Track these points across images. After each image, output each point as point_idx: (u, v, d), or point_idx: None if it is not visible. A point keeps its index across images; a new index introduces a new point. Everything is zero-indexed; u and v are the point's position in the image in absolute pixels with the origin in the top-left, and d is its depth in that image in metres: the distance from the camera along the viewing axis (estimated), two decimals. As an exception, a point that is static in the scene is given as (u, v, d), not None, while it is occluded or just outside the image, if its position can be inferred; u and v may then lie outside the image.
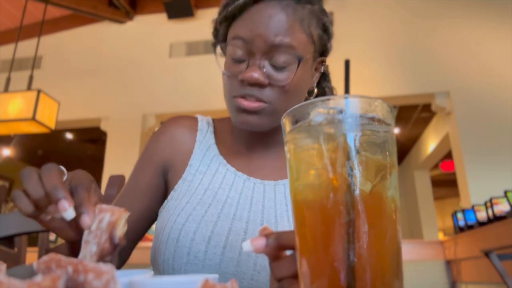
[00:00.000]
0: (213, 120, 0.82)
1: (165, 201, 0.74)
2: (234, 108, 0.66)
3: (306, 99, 0.72)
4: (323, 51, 0.71)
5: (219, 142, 0.78)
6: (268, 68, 0.63)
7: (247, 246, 0.38)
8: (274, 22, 0.61)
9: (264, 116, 0.65)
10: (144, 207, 0.74)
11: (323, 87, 0.78)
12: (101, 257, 0.41)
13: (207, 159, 0.75)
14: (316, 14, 0.67)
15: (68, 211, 0.41)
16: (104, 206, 0.43)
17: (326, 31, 0.70)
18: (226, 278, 0.61)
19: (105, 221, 0.42)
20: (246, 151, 0.76)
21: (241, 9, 0.64)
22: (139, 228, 0.75)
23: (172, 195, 0.73)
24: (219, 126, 0.81)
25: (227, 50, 0.66)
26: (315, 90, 0.73)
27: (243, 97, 0.64)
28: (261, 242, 0.38)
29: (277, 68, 0.63)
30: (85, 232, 0.42)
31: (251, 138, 0.75)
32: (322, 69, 0.72)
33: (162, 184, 0.77)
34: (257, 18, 0.62)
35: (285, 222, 0.67)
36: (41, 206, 0.44)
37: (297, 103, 0.62)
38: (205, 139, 0.78)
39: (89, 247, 0.41)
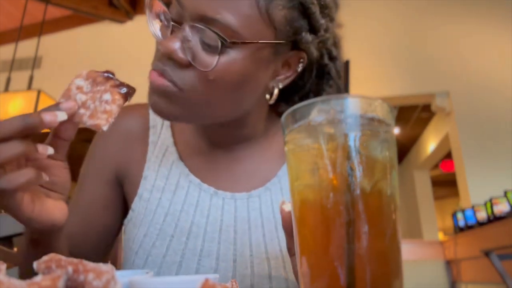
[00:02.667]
0: None
1: (127, 218, 0.64)
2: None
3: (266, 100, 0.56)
4: (296, 41, 0.51)
5: (178, 139, 0.64)
6: (196, 45, 0.47)
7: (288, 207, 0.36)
8: None
9: (175, 102, 0.50)
10: (101, 225, 0.65)
11: (323, 89, 0.62)
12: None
13: (164, 168, 0.62)
14: None
15: (59, 114, 0.39)
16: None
17: (304, 14, 0.49)
18: None
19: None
20: (211, 150, 0.63)
21: None
22: (103, 246, 0.66)
23: (131, 215, 0.63)
24: None
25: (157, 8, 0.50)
26: (274, 92, 0.55)
27: (156, 71, 0.50)
28: None
29: (206, 47, 0.46)
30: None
31: (214, 132, 0.61)
32: (299, 68, 0.54)
33: (120, 194, 0.66)
34: None
35: (261, 249, 0.57)
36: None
37: (232, 102, 0.51)
38: (160, 139, 0.64)
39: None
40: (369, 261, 0.29)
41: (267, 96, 0.54)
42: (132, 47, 4.66)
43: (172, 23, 0.48)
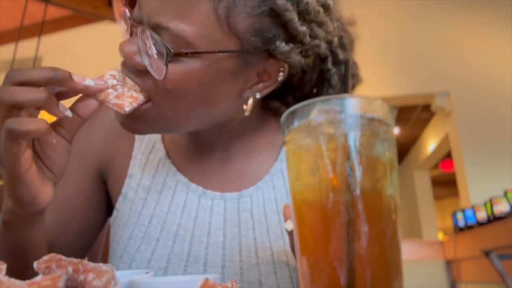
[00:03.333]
0: None
1: (112, 217, 0.62)
2: None
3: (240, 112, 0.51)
4: (270, 50, 0.45)
5: (166, 135, 0.62)
6: (151, 50, 0.43)
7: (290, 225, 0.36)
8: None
9: (143, 116, 0.47)
10: (80, 222, 0.61)
11: (321, 95, 0.58)
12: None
13: (151, 166, 0.59)
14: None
15: (87, 79, 0.40)
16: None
17: (278, 22, 0.44)
18: None
19: None
20: (199, 149, 0.60)
21: None
22: (80, 244, 0.62)
23: (115, 215, 0.61)
24: None
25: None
26: (249, 102, 0.50)
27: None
28: None
29: (159, 55, 0.43)
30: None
31: (198, 134, 0.59)
32: (279, 77, 0.48)
33: (103, 191, 0.63)
34: None
35: (252, 254, 0.55)
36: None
37: (200, 113, 0.47)
38: (147, 135, 0.61)
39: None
40: (369, 261, 0.29)
41: (244, 107, 0.49)
42: (132, 47, 4.66)
43: (131, 24, 0.45)
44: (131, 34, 0.46)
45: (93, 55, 4.70)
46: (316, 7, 0.46)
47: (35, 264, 0.26)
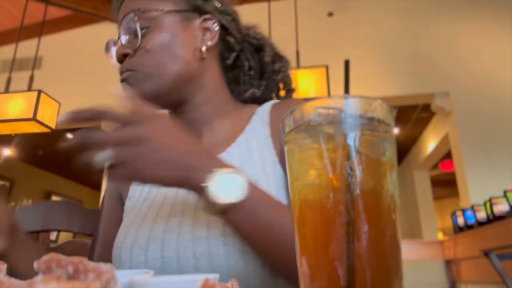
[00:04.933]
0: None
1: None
2: None
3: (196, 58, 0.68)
4: (197, 8, 0.68)
5: None
6: (129, 36, 0.65)
7: None
8: (123, 9, 0.67)
9: (137, 83, 0.64)
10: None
11: (260, 58, 0.74)
12: None
13: None
14: None
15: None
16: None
17: None
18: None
19: None
20: None
21: None
22: None
23: (124, 216, 0.70)
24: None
25: None
26: (203, 50, 0.67)
27: (121, 73, 0.67)
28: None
29: (135, 32, 0.64)
30: None
31: (180, 119, 0.70)
32: (215, 27, 0.69)
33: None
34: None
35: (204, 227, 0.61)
36: None
37: (171, 57, 0.64)
38: None
39: None
40: (369, 261, 0.29)
41: (203, 49, 0.67)
42: (132, 47, 4.66)
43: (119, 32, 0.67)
44: (117, 41, 0.68)
45: (93, 55, 4.70)
46: None
47: (35, 264, 0.26)
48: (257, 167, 0.62)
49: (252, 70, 0.75)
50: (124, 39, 0.65)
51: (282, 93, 0.78)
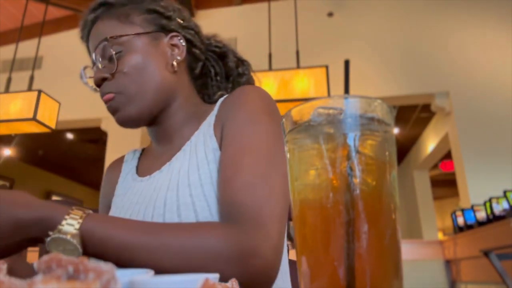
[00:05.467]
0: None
1: None
2: None
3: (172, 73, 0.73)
4: (163, 28, 0.73)
5: (145, 159, 0.81)
6: (105, 61, 0.70)
7: None
8: (94, 35, 0.72)
9: (121, 105, 0.68)
10: None
11: (225, 64, 0.81)
12: None
13: (125, 182, 0.78)
14: (139, 7, 0.73)
15: None
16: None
17: (154, 13, 0.73)
18: None
19: None
20: (157, 154, 0.77)
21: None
22: None
23: None
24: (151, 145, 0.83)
25: None
26: (174, 63, 0.73)
27: (103, 96, 0.71)
28: None
29: (110, 57, 0.69)
30: None
31: (154, 137, 0.77)
32: (182, 42, 0.74)
33: None
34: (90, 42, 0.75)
35: (185, 185, 0.65)
36: None
37: (147, 76, 0.68)
38: (128, 167, 0.81)
39: None
40: (369, 261, 0.29)
41: (174, 63, 0.72)
42: (132, 47, 4.65)
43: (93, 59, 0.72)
44: (93, 67, 0.74)
45: (93, 55, 4.70)
46: (170, 7, 0.75)
47: (35, 264, 0.26)
48: (200, 156, 0.66)
49: (218, 76, 0.81)
50: (100, 64, 0.70)
51: None
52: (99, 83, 0.70)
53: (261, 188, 0.55)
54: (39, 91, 2.94)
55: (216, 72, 0.81)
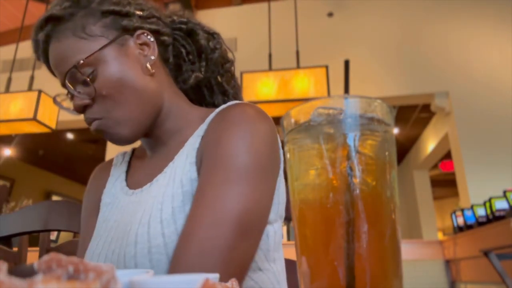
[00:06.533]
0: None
1: None
2: None
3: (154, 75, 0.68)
4: (126, 29, 0.66)
5: (135, 164, 0.76)
6: (79, 87, 0.63)
7: None
8: (55, 59, 0.65)
9: (112, 127, 0.63)
10: None
11: (195, 41, 0.74)
12: None
13: (114, 189, 0.72)
14: (91, 13, 0.65)
15: None
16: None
17: (110, 15, 0.65)
18: None
19: None
20: (147, 164, 0.72)
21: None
22: None
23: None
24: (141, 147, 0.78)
25: None
26: (148, 66, 0.67)
27: (89, 124, 0.66)
28: None
29: (84, 83, 0.62)
30: None
31: (146, 146, 0.73)
32: (150, 38, 0.67)
33: None
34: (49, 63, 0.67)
35: (157, 221, 0.59)
36: None
37: (129, 91, 0.63)
38: (118, 171, 0.75)
39: None
40: (369, 260, 0.29)
41: (148, 66, 0.66)
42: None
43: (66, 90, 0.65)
44: (67, 93, 0.66)
45: (93, 55, 4.70)
46: (124, 1, 0.67)
47: (35, 264, 0.26)
48: (176, 185, 0.60)
49: (191, 55, 0.74)
50: (75, 92, 0.63)
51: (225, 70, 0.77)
52: (81, 110, 0.64)
53: (212, 262, 0.50)
54: (39, 91, 2.94)
55: (187, 51, 0.74)
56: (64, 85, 0.64)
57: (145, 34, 0.67)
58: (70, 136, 6.49)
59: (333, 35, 4.33)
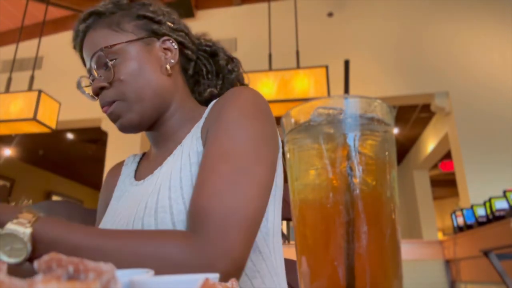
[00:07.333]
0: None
1: None
2: None
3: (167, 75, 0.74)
4: (154, 33, 0.74)
5: (143, 163, 0.82)
6: (101, 70, 0.71)
7: None
8: (88, 44, 0.73)
9: (122, 113, 0.70)
10: None
11: (215, 62, 0.82)
12: None
13: (123, 185, 0.79)
14: (128, 14, 0.74)
15: None
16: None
17: (144, 19, 0.75)
18: None
19: None
20: (153, 158, 0.78)
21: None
22: None
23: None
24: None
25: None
26: (167, 67, 0.74)
27: (103, 106, 0.72)
28: None
29: (106, 67, 0.70)
30: None
31: (152, 141, 0.78)
32: (174, 45, 0.75)
33: None
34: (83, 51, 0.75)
35: (166, 188, 0.65)
36: None
37: (144, 81, 0.70)
38: (128, 170, 0.83)
39: None
40: (369, 260, 0.29)
41: (168, 67, 0.73)
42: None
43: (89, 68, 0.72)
44: (90, 76, 0.73)
45: (93, 55, 4.70)
46: (159, 11, 0.76)
47: (35, 264, 0.26)
48: (185, 159, 0.66)
49: (210, 74, 0.83)
50: (96, 73, 0.71)
51: None
52: (98, 92, 0.71)
53: (230, 196, 0.53)
54: (39, 91, 2.94)
55: (207, 70, 0.83)
56: (89, 68, 0.71)
57: (171, 41, 0.75)
58: (70, 136, 6.49)
59: (333, 35, 4.33)
